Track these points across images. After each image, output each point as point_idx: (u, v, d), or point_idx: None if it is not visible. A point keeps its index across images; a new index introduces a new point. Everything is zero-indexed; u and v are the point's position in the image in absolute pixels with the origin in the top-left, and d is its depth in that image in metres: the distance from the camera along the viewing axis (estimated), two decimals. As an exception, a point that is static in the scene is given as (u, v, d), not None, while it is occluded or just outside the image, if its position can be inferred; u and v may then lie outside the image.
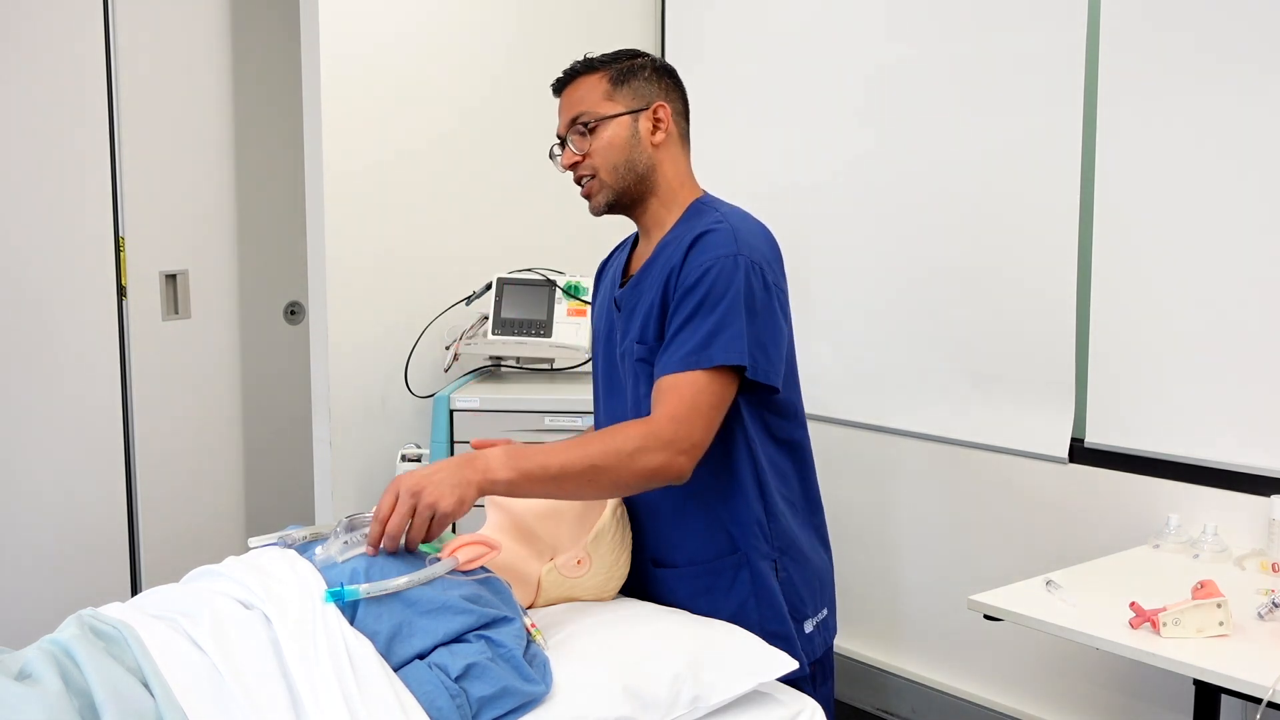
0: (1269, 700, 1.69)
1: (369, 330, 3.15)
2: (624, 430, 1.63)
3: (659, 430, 1.62)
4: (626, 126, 1.80)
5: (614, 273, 1.96)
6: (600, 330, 1.96)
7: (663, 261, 1.78)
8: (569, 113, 1.82)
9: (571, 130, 1.81)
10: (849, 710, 3.16)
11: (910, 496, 3.02)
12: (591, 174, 1.82)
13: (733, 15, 3.38)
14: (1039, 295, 2.68)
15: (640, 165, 1.81)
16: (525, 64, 3.40)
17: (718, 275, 1.68)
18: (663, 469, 1.62)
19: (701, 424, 1.64)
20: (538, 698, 1.47)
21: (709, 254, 1.70)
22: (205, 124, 3.31)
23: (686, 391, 1.64)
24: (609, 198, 1.83)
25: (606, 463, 1.60)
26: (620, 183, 1.81)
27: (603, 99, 1.80)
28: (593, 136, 1.80)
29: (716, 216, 1.77)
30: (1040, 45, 2.65)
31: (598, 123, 1.79)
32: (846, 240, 3.10)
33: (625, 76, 1.81)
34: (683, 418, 1.63)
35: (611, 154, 1.80)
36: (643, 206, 1.85)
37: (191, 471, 3.34)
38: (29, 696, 1.26)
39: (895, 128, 2.97)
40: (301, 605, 1.43)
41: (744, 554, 1.79)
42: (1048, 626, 1.97)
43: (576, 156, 1.82)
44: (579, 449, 1.61)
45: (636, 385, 1.80)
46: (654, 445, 1.61)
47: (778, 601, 1.80)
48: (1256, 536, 2.32)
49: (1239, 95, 2.33)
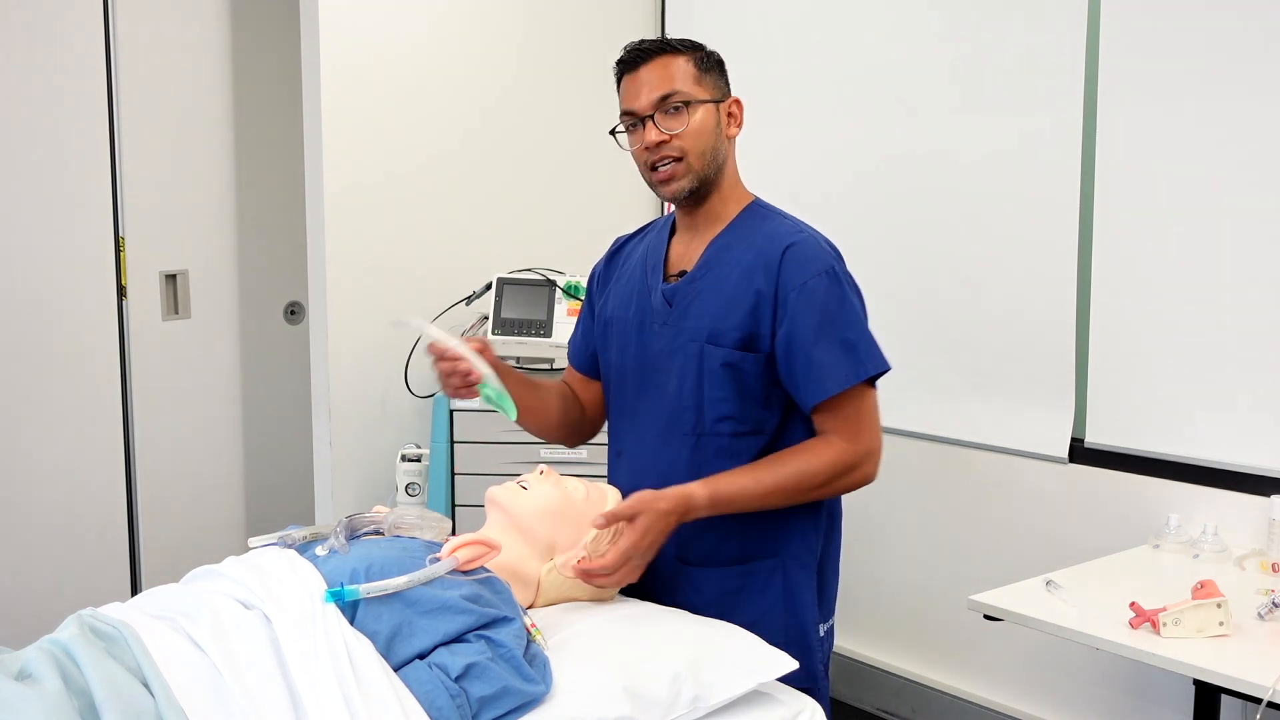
0: (1269, 700, 1.69)
1: (369, 330, 3.15)
2: (808, 465, 1.73)
3: (844, 458, 1.73)
4: (713, 114, 1.78)
5: (644, 259, 1.91)
6: (626, 320, 1.89)
7: (733, 265, 1.77)
8: (658, 89, 1.75)
9: (661, 108, 1.75)
10: (849, 710, 3.16)
11: (910, 496, 3.02)
12: (679, 156, 1.76)
13: (732, 16, 3.38)
14: (1039, 295, 2.68)
15: (720, 156, 1.80)
16: (525, 64, 3.40)
17: (829, 288, 1.73)
18: (856, 485, 1.77)
19: (874, 432, 1.77)
20: (538, 698, 1.47)
21: (810, 267, 1.74)
22: (205, 124, 3.31)
23: (852, 410, 1.74)
24: (693, 184, 1.78)
25: (801, 497, 1.74)
26: (706, 169, 1.78)
27: (694, 82, 1.76)
28: (687, 117, 1.75)
29: (791, 225, 1.81)
30: (1040, 45, 2.64)
31: (693, 104, 1.75)
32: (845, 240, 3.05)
33: (708, 65, 1.79)
34: (860, 435, 1.74)
35: (702, 139, 1.76)
36: (708, 198, 1.82)
37: (191, 471, 3.34)
38: (29, 696, 1.26)
39: (895, 128, 2.97)
40: (301, 605, 1.43)
41: (782, 558, 1.80)
42: (1048, 626, 1.97)
43: (664, 136, 1.75)
44: (775, 491, 1.72)
45: (700, 385, 1.78)
46: (843, 471, 1.74)
47: (806, 608, 1.81)
48: (1256, 536, 2.32)
49: (1239, 95, 2.33)
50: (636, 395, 1.87)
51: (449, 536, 1.65)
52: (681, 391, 1.80)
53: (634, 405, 1.88)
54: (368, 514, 1.70)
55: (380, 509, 1.74)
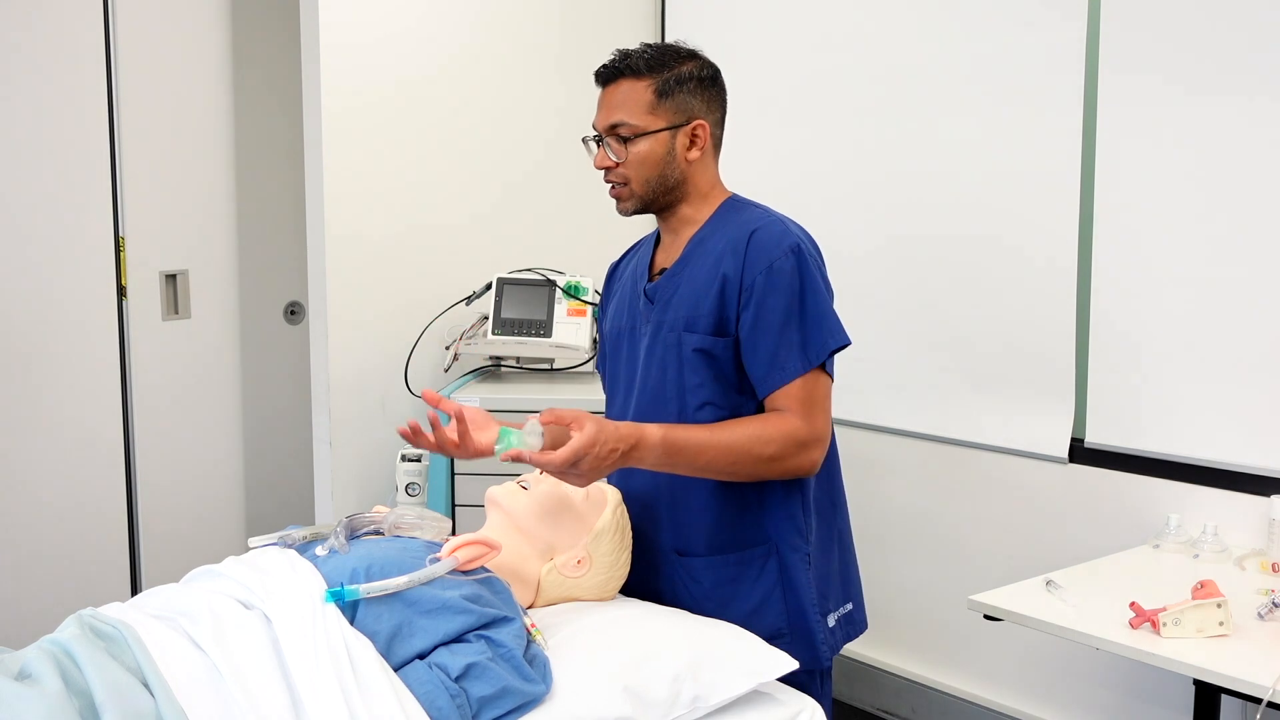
0: (1269, 700, 1.69)
1: (369, 330, 3.15)
2: (763, 431, 1.72)
3: (798, 434, 1.72)
4: (664, 143, 1.81)
5: (634, 271, 1.97)
6: (621, 329, 1.95)
7: (706, 255, 1.80)
8: (608, 116, 1.82)
9: (609, 135, 1.82)
10: (849, 710, 3.16)
11: (910, 496, 3.02)
12: (623, 181, 1.83)
13: (732, 16, 3.38)
14: (1039, 295, 2.68)
15: (671, 179, 1.83)
16: (525, 64, 3.40)
17: (792, 270, 1.74)
18: (799, 469, 1.75)
19: (825, 417, 1.77)
20: (538, 698, 1.47)
21: (772, 251, 1.75)
22: (205, 124, 3.31)
23: (807, 392, 1.74)
24: (637, 206, 1.86)
25: (746, 467, 1.72)
26: (650, 194, 1.84)
27: (645, 111, 1.80)
28: (630, 147, 1.80)
29: (762, 212, 1.83)
30: (1040, 45, 2.65)
31: (636, 136, 1.80)
32: (845, 240, 3.10)
33: (670, 89, 1.80)
34: (814, 418, 1.74)
35: (644, 169, 1.81)
36: (671, 210, 1.88)
37: (191, 471, 3.34)
38: (29, 696, 1.26)
39: (895, 127, 2.97)
40: (301, 605, 1.43)
41: (774, 544, 1.81)
42: (1048, 626, 1.97)
43: (610, 162, 1.82)
44: (726, 450, 1.70)
45: (680, 373, 1.81)
46: (795, 447, 1.72)
47: (804, 594, 1.81)
48: (1256, 536, 2.32)
49: (1239, 95, 2.33)
50: (629, 394, 1.91)
51: (449, 536, 1.65)
52: (664, 381, 1.83)
53: (627, 404, 1.92)
54: (368, 514, 1.70)
55: (380, 509, 1.74)
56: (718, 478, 1.76)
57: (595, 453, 1.58)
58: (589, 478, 1.61)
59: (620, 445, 1.61)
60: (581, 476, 1.61)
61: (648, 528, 1.87)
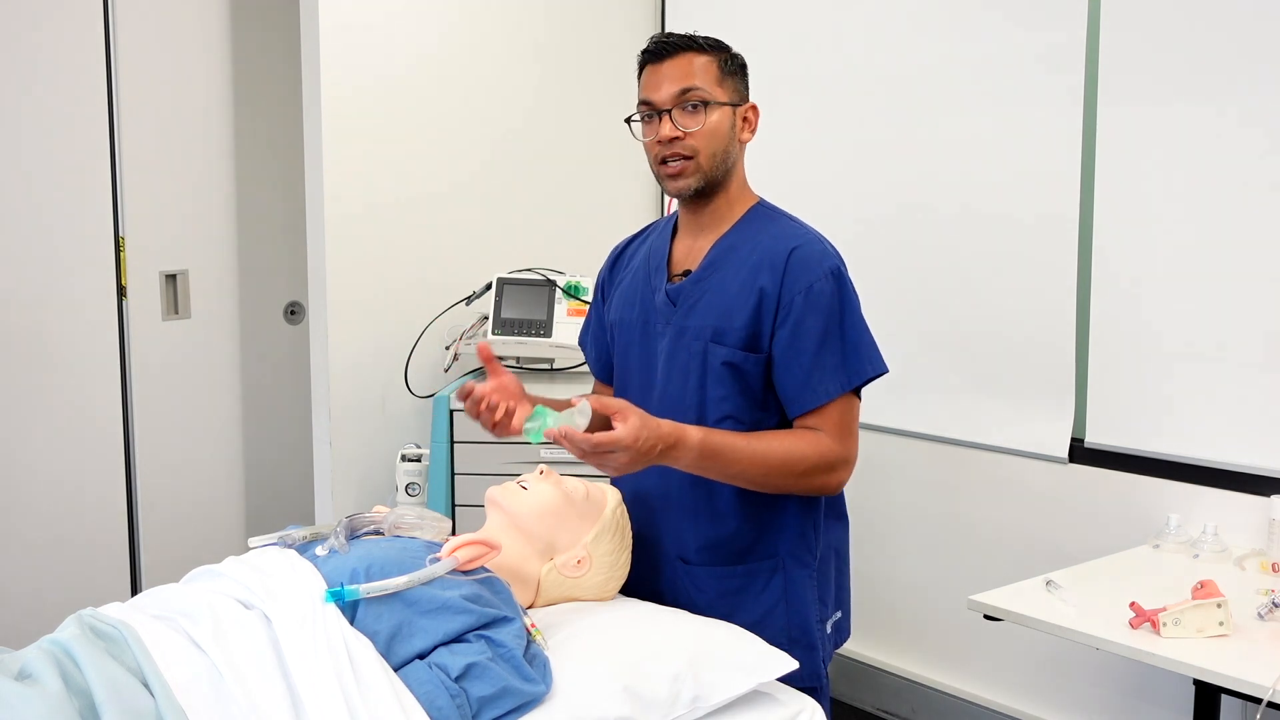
0: (1269, 700, 1.69)
1: (369, 330, 3.15)
2: (799, 448, 1.72)
3: (830, 454, 1.73)
4: (729, 117, 1.79)
5: (646, 261, 1.92)
6: (631, 321, 1.90)
7: (738, 265, 1.78)
8: (678, 84, 1.75)
9: (680, 103, 1.76)
10: (849, 710, 3.16)
11: (910, 496, 3.02)
12: (690, 154, 1.77)
13: (732, 16, 3.38)
14: (1039, 295, 2.68)
15: (730, 159, 1.81)
16: (525, 65, 3.40)
17: (832, 294, 1.74)
18: (824, 489, 1.76)
19: (856, 441, 1.78)
20: (538, 698, 1.47)
21: (813, 270, 1.74)
22: (205, 124, 3.31)
23: (841, 415, 1.75)
24: (699, 183, 1.79)
25: (776, 480, 1.72)
26: (714, 171, 1.79)
27: (715, 83, 1.78)
28: (705, 115, 1.76)
29: (797, 226, 1.82)
30: (1040, 45, 2.64)
31: (709, 104, 1.76)
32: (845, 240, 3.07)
33: (732, 68, 1.81)
34: (846, 439, 1.75)
35: (715, 140, 1.77)
36: (714, 199, 1.83)
37: (191, 471, 3.34)
38: (29, 696, 1.26)
39: (895, 128, 2.97)
40: (301, 605, 1.43)
41: (782, 559, 1.81)
42: (1048, 626, 1.97)
43: (678, 132, 1.76)
44: (761, 461, 1.70)
45: (704, 384, 1.78)
46: (825, 467, 1.73)
47: (808, 607, 1.81)
48: (1256, 536, 2.32)
49: (1239, 95, 2.33)
50: (639, 394, 1.88)
51: (449, 536, 1.65)
52: (684, 390, 1.80)
53: (636, 403, 1.88)
54: (368, 514, 1.70)
55: (380, 509, 1.74)
56: (744, 486, 1.75)
57: (638, 447, 1.58)
58: (625, 469, 1.61)
59: (660, 443, 1.61)
60: (616, 467, 1.60)
61: (654, 531, 1.86)
